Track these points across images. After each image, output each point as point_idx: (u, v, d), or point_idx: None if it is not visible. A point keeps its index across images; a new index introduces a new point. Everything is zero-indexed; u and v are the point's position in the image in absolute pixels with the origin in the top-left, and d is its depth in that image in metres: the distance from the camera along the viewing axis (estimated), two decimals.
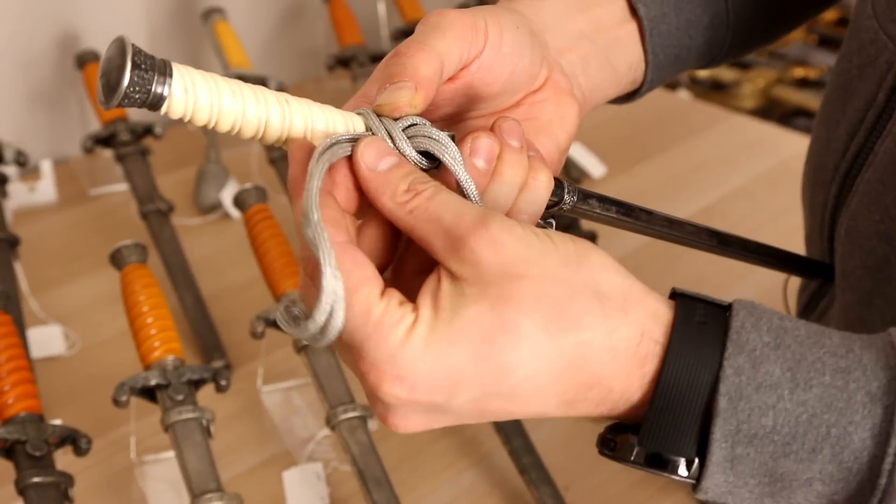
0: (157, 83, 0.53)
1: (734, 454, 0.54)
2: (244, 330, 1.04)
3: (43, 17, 1.46)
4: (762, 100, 2.31)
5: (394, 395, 0.53)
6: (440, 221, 0.54)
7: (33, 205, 1.40)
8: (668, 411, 0.54)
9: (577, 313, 0.53)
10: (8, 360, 0.93)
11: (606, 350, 0.54)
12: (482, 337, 0.52)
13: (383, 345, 0.52)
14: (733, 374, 0.53)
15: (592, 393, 0.54)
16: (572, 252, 0.54)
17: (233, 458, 1.03)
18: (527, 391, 0.53)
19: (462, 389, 0.53)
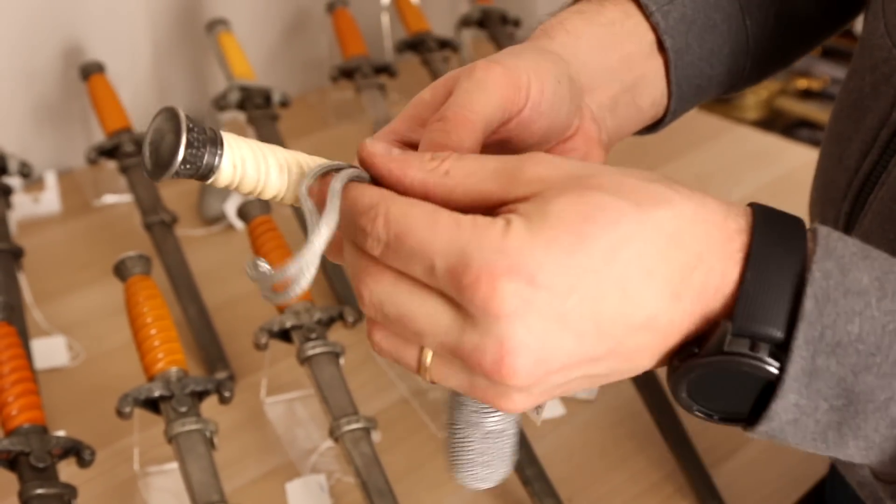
0: (207, 157, 0.53)
1: (814, 365, 0.52)
2: (248, 341, 1.04)
3: (47, 28, 1.46)
4: (765, 111, 2.31)
5: (512, 292, 0.49)
6: (484, 167, 0.53)
7: (37, 216, 1.41)
8: (763, 284, 0.52)
9: (662, 191, 0.52)
10: (11, 371, 0.93)
11: (699, 222, 0.52)
12: (583, 219, 0.50)
13: (487, 242, 0.50)
14: (822, 278, 0.52)
15: (696, 275, 0.52)
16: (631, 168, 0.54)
17: (236, 469, 1.03)
18: (637, 276, 0.51)
19: (577, 278, 0.50)
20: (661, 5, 0.76)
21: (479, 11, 1.67)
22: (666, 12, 0.76)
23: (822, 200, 0.86)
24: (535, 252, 0.50)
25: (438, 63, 1.56)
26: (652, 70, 0.76)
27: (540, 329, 0.50)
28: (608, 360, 0.53)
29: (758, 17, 0.82)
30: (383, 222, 0.52)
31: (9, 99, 1.45)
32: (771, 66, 0.87)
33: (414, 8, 1.64)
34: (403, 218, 0.52)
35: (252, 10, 1.66)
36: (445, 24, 1.75)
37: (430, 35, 1.59)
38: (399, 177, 0.54)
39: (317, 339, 1.01)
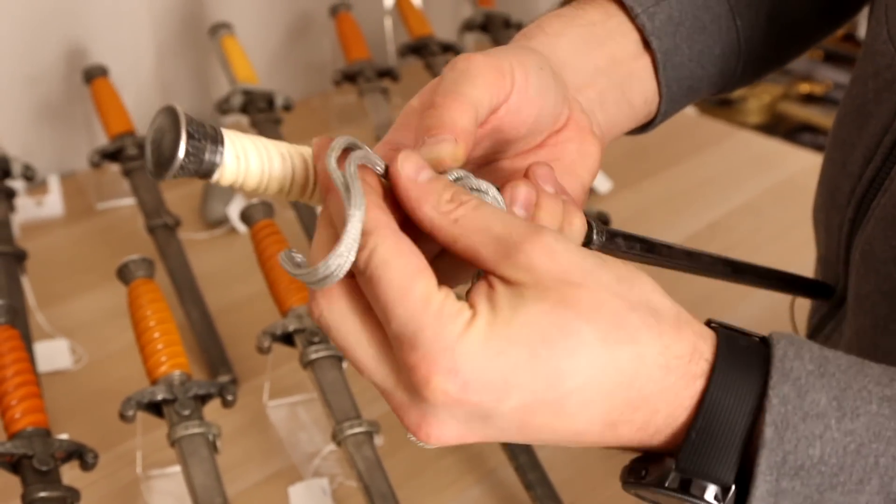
0: (209, 152, 0.52)
1: (779, 488, 0.52)
2: (250, 345, 1.04)
3: (51, 32, 1.46)
4: (768, 115, 2.31)
5: (443, 390, 0.50)
6: (490, 230, 0.53)
7: (40, 219, 1.41)
8: (712, 433, 0.53)
9: (635, 326, 0.52)
10: (15, 374, 0.93)
11: (659, 367, 0.52)
12: (542, 338, 0.51)
13: (441, 335, 0.50)
14: (779, 404, 0.52)
15: (637, 414, 0.53)
16: (624, 270, 0.54)
17: (239, 472, 1.03)
18: (575, 403, 0.52)
19: (513, 393, 0.51)
20: (646, 7, 0.76)
21: (481, 15, 1.67)
22: (652, 14, 0.76)
23: (826, 207, 0.86)
24: (480, 362, 0.50)
25: (441, 67, 1.56)
26: (640, 68, 0.76)
27: (463, 419, 0.52)
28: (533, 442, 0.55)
29: (748, 17, 0.82)
30: (367, 256, 0.52)
31: (12, 102, 1.45)
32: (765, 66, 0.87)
33: (417, 12, 1.65)
34: (383, 266, 0.51)
35: (255, 14, 1.67)
36: (448, 28, 1.76)
37: (432, 39, 1.59)
38: (413, 207, 0.54)
39: (319, 342, 1.01)
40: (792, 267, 1.32)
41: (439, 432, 0.52)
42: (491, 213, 0.53)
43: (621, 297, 0.52)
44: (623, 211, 1.41)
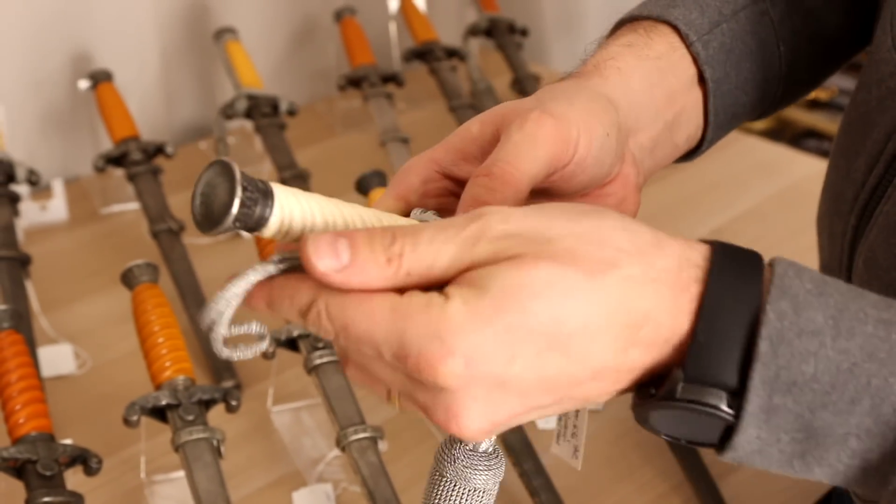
0: (259, 207, 0.53)
1: (771, 404, 0.53)
2: None
3: (55, 36, 1.46)
4: (773, 121, 2.30)
5: (451, 373, 0.51)
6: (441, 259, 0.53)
7: (45, 223, 1.41)
8: (716, 334, 0.53)
9: (611, 255, 0.53)
10: (19, 379, 0.93)
11: (649, 281, 0.53)
12: (528, 294, 0.51)
13: (422, 326, 0.51)
14: (775, 319, 0.52)
15: (643, 333, 0.53)
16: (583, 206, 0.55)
17: (243, 478, 1.03)
18: (582, 342, 0.52)
19: (518, 349, 0.52)
20: (701, 35, 0.76)
21: (486, 21, 1.67)
22: (706, 42, 0.76)
23: (829, 213, 0.86)
24: (471, 334, 0.51)
25: (446, 72, 1.56)
26: (691, 103, 0.76)
27: (483, 395, 0.53)
28: (559, 405, 0.55)
29: (791, 42, 0.82)
30: (325, 317, 0.53)
31: (17, 107, 1.45)
32: (802, 89, 0.88)
33: (421, 17, 1.65)
34: (342, 312, 0.52)
35: (260, 19, 1.67)
36: (453, 33, 1.76)
37: (437, 44, 1.59)
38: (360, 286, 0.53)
39: (324, 348, 1.01)
40: None
41: (468, 419, 0.53)
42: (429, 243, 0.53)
43: (587, 236, 0.53)
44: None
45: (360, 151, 1.55)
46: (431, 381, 0.52)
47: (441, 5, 1.83)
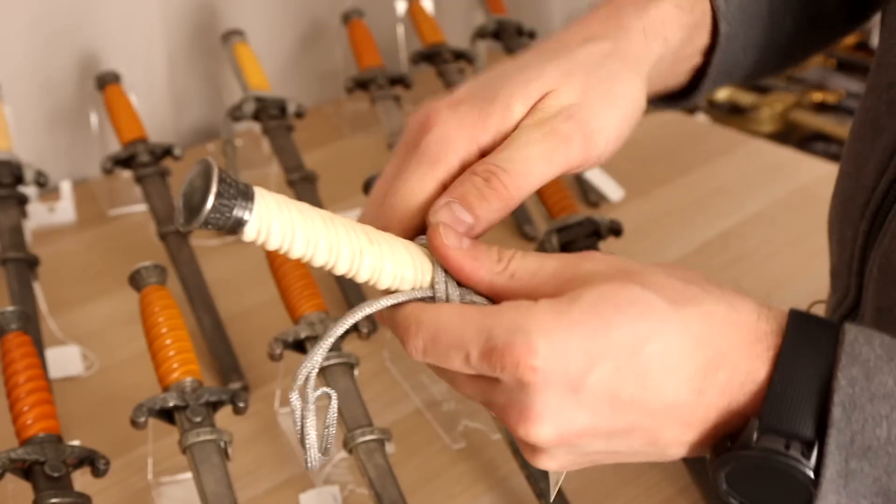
0: (237, 209, 0.54)
1: (848, 468, 0.53)
2: (262, 352, 1.04)
3: (63, 38, 1.47)
4: (780, 124, 2.30)
5: (531, 364, 0.53)
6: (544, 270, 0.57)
7: (53, 225, 1.41)
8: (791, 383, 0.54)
9: (698, 292, 0.55)
10: (27, 380, 0.93)
11: (729, 322, 0.55)
12: (613, 308, 0.54)
13: (510, 321, 0.54)
14: (847, 385, 0.53)
15: (720, 374, 0.55)
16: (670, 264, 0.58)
17: (250, 479, 1.03)
18: (658, 370, 0.54)
19: (597, 359, 0.53)
20: None
21: (494, 23, 1.67)
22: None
23: (840, 218, 0.86)
24: (555, 333, 0.53)
25: (454, 74, 1.56)
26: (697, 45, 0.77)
27: (556, 403, 0.54)
28: (629, 438, 0.56)
29: (797, 15, 0.82)
30: (415, 330, 0.57)
31: (25, 108, 1.45)
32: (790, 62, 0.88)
33: (429, 19, 1.65)
34: (435, 319, 0.56)
35: (267, 21, 1.67)
36: (461, 35, 1.75)
37: (445, 46, 1.59)
38: (469, 275, 0.58)
39: (332, 349, 1.01)
40: (804, 276, 1.33)
41: (539, 423, 0.55)
42: (536, 259, 0.57)
43: (683, 279, 0.56)
44: (634, 219, 1.40)
45: (367, 153, 1.55)
46: (512, 375, 0.54)
47: (449, 7, 1.84)
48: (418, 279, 0.59)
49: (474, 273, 0.58)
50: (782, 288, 1.32)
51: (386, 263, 0.58)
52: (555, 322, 0.53)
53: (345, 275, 0.58)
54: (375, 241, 0.59)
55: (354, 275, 0.58)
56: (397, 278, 0.59)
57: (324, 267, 0.58)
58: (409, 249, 0.60)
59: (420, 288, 0.59)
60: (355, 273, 0.58)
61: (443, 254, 0.58)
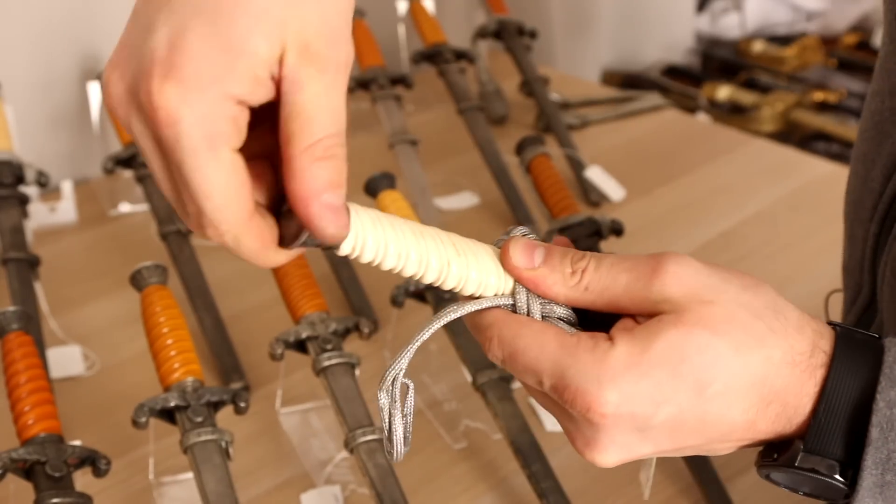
0: None
1: (884, 481, 0.58)
2: (263, 352, 1.04)
3: (64, 38, 1.47)
4: (781, 123, 2.30)
5: (602, 412, 0.57)
6: (617, 284, 0.59)
7: (54, 225, 1.41)
8: (834, 415, 0.58)
9: (762, 332, 0.58)
10: (28, 380, 0.93)
11: (786, 364, 0.58)
12: (680, 357, 0.57)
13: (584, 367, 0.57)
14: (885, 407, 0.57)
15: (771, 408, 0.59)
16: (748, 279, 0.60)
17: (251, 479, 1.03)
18: (718, 409, 0.58)
19: (662, 407, 0.58)
20: None
21: (495, 23, 1.67)
22: None
23: (851, 218, 0.86)
24: (626, 384, 0.57)
25: (455, 74, 1.56)
26: None
27: (622, 440, 0.59)
28: (685, 451, 0.61)
29: None
30: (497, 343, 0.60)
31: (26, 108, 1.45)
32: None
33: (430, 19, 1.65)
34: (514, 340, 0.60)
35: None
36: (462, 35, 1.76)
37: (446, 46, 1.59)
38: (545, 292, 0.61)
39: (332, 349, 1.01)
40: (807, 275, 1.33)
41: (604, 454, 0.60)
42: (611, 267, 0.60)
43: (747, 307, 0.59)
44: (636, 219, 1.41)
45: (368, 153, 1.55)
46: (582, 415, 0.58)
47: (450, 7, 1.84)
48: (501, 286, 0.62)
49: (550, 290, 0.61)
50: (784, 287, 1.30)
51: (471, 272, 0.61)
52: (626, 372, 0.57)
53: (432, 283, 0.60)
54: (462, 250, 0.61)
55: (441, 284, 0.61)
56: (481, 286, 0.61)
57: (413, 277, 0.60)
58: (493, 257, 0.62)
59: (503, 294, 0.62)
60: (443, 281, 0.60)
61: (516, 275, 0.61)
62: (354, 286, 1.26)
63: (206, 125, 0.52)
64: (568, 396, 0.58)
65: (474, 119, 1.50)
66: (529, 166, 1.33)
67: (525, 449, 0.99)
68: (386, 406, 0.62)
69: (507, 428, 1.00)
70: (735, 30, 2.60)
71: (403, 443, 0.63)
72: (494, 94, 1.70)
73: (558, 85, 1.74)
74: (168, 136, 0.53)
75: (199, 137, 0.52)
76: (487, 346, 0.61)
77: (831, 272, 1.31)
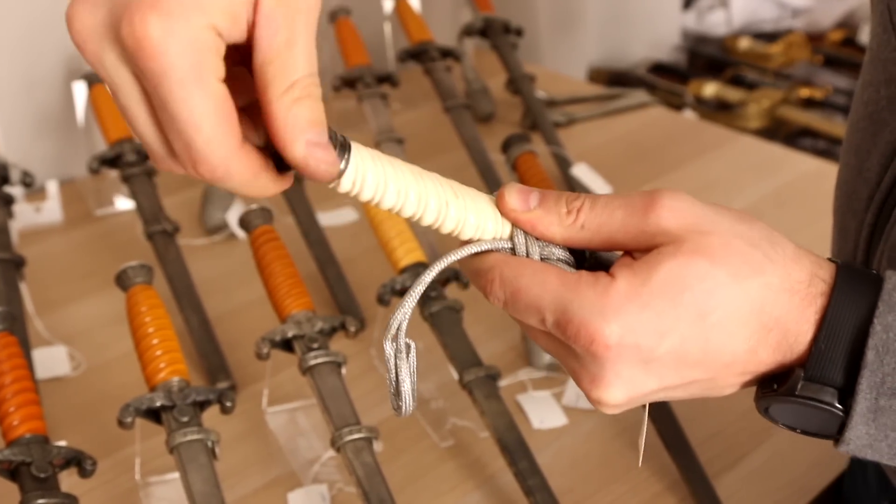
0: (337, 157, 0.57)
1: (878, 405, 0.58)
2: (249, 351, 1.04)
3: (49, 38, 1.46)
4: (767, 120, 2.31)
5: (605, 343, 0.58)
6: (613, 220, 0.60)
7: (39, 225, 1.41)
8: (835, 343, 0.59)
9: (759, 260, 0.59)
10: (13, 381, 0.93)
11: (784, 290, 0.59)
12: (681, 286, 0.58)
13: (587, 300, 0.58)
14: (882, 331, 0.58)
15: (772, 335, 0.59)
16: (742, 213, 0.61)
17: (238, 479, 1.03)
18: (720, 337, 0.59)
19: (666, 337, 0.58)
20: None
21: (481, 21, 1.67)
22: None
23: (843, 210, 0.86)
24: (629, 315, 0.58)
25: (441, 72, 1.56)
26: None
27: (627, 373, 0.59)
28: (689, 388, 0.62)
29: None
30: (499, 284, 0.61)
31: (11, 108, 1.45)
32: None
33: (416, 17, 1.65)
34: (516, 279, 0.60)
35: None
36: (448, 33, 1.76)
37: (432, 44, 1.59)
38: (542, 233, 0.61)
39: (319, 348, 1.01)
40: None
41: (610, 390, 0.60)
42: (606, 205, 0.60)
43: (744, 237, 0.60)
44: None
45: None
46: (586, 349, 0.58)
47: (436, 5, 1.83)
48: (499, 230, 0.62)
49: (547, 231, 0.61)
50: None
51: (469, 215, 0.61)
52: (628, 303, 0.57)
53: (430, 225, 0.61)
54: (460, 194, 0.62)
55: (440, 225, 0.61)
56: (479, 230, 0.62)
57: (412, 218, 0.61)
58: (491, 204, 0.63)
59: (501, 238, 0.62)
60: (441, 223, 0.61)
61: (513, 218, 0.62)
62: (341, 285, 1.26)
63: (193, 55, 0.53)
64: (571, 331, 0.58)
65: (460, 117, 1.50)
66: (516, 164, 1.33)
67: (512, 447, 0.99)
68: (392, 356, 0.62)
69: (494, 426, 1.00)
70: (721, 27, 2.61)
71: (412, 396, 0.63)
72: (481, 92, 1.69)
73: (544, 83, 1.74)
74: (154, 68, 0.53)
75: (186, 67, 0.53)
76: (489, 287, 0.61)
77: None
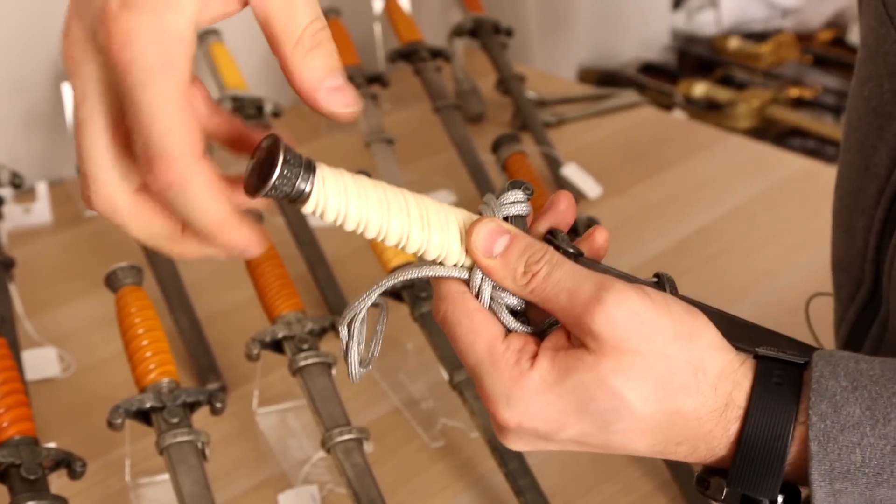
0: (300, 181, 0.58)
1: (834, 489, 0.59)
2: (239, 352, 1.03)
3: (37, 39, 1.46)
4: (757, 120, 2.31)
5: (504, 422, 0.61)
6: (558, 300, 0.60)
7: (28, 226, 1.40)
8: (751, 462, 0.60)
9: (675, 389, 0.60)
10: (3, 382, 0.93)
11: (694, 419, 0.60)
12: (588, 398, 0.59)
13: (499, 382, 0.61)
14: (818, 421, 0.59)
15: (681, 448, 0.61)
16: (686, 328, 0.61)
17: (228, 480, 1.03)
18: (622, 441, 0.61)
19: (565, 429, 0.61)
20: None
21: (471, 21, 1.67)
22: None
23: (849, 210, 0.84)
24: (533, 405, 0.60)
25: (431, 72, 1.56)
26: None
27: (525, 442, 0.63)
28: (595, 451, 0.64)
29: None
30: (442, 318, 0.63)
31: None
32: None
33: (406, 18, 1.64)
34: (454, 325, 0.62)
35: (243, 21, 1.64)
36: (438, 33, 1.75)
37: (422, 45, 1.59)
38: (497, 281, 0.62)
39: (309, 349, 1.00)
40: (785, 270, 1.33)
41: (510, 445, 0.63)
42: (557, 283, 0.61)
43: (668, 361, 0.60)
44: (613, 216, 1.41)
45: (345, 152, 1.54)
46: (490, 414, 0.62)
47: (426, 6, 1.83)
48: (462, 257, 0.63)
49: (500, 282, 0.62)
50: (761, 283, 1.32)
51: (433, 239, 0.62)
52: (535, 395, 0.60)
53: (395, 246, 0.62)
54: (426, 216, 0.62)
55: (403, 247, 0.62)
56: (442, 255, 0.63)
57: (375, 239, 0.61)
58: (462, 227, 0.63)
59: (462, 266, 0.63)
60: (404, 247, 0.62)
61: (473, 257, 0.62)
62: (331, 286, 1.26)
63: (160, 47, 0.55)
64: (481, 395, 0.62)
65: (450, 117, 1.49)
66: (506, 164, 1.33)
67: (502, 447, 0.99)
68: (345, 338, 0.65)
69: (484, 426, 1.00)
70: (711, 27, 2.61)
71: (362, 364, 0.65)
72: (471, 93, 1.69)
73: (534, 83, 1.74)
74: (122, 59, 0.54)
75: (153, 57, 0.54)
76: (436, 314, 0.64)
77: (809, 267, 1.32)
